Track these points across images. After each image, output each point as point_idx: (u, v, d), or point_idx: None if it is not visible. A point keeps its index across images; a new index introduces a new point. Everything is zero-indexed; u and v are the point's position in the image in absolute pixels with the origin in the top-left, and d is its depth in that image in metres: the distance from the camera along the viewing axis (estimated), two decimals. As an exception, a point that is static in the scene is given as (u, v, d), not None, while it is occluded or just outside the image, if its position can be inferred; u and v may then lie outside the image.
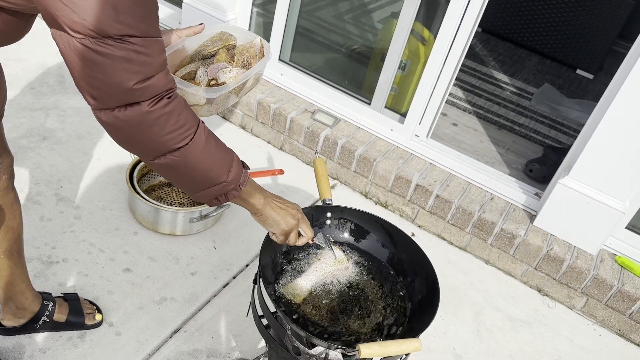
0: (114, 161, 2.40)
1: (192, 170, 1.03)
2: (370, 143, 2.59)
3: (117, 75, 0.88)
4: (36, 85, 2.69)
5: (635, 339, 2.23)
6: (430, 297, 1.29)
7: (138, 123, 0.94)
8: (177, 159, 1.00)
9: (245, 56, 1.30)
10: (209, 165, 1.04)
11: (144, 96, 0.91)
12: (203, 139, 1.01)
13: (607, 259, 2.28)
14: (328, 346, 1.16)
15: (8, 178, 1.41)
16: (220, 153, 1.05)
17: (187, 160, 1.01)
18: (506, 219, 2.34)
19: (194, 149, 1.00)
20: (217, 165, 1.05)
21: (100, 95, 0.91)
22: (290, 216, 1.22)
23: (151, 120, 0.94)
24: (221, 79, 1.25)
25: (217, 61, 1.29)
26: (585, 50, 3.98)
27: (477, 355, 2.02)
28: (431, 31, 2.49)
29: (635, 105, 1.98)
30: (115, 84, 0.89)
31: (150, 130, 0.95)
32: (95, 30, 0.84)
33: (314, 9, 2.78)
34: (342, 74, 2.81)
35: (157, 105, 0.93)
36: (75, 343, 1.71)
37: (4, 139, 1.38)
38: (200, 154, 1.01)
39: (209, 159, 1.03)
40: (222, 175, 1.06)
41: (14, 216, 1.47)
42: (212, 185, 1.07)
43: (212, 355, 1.77)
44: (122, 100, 0.91)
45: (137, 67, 0.88)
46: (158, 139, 0.97)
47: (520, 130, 3.10)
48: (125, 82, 0.88)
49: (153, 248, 2.08)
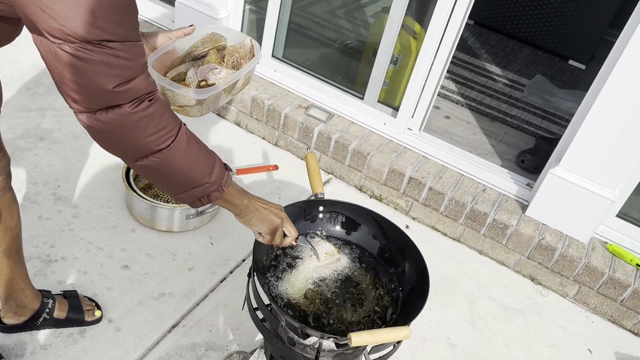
0: (111, 160, 2.42)
1: (174, 172, 1.05)
2: (363, 137, 2.62)
3: (97, 79, 0.89)
4: (32, 86, 2.71)
5: (627, 325, 2.27)
6: (420, 286, 1.33)
7: (120, 125, 0.95)
8: (159, 160, 1.01)
9: (235, 57, 1.32)
10: (191, 166, 1.05)
11: (125, 99, 0.93)
12: (185, 141, 1.02)
13: (598, 247, 2.32)
14: (321, 336, 1.19)
15: (5, 179, 1.43)
16: (202, 155, 1.07)
17: (169, 162, 1.02)
18: (498, 210, 2.38)
19: (176, 150, 1.01)
20: (199, 166, 1.07)
21: (81, 99, 0.92)
22: (273, 215, 1.25)
23: (132, 123, 0.95)
24: (211, 79, 1.27)
25: (207, 62, 1.30)
26: (577, 41, 4.00)
27: (471, 343, 2.05)
28: (422, 25, 2.51)
29: (623, 95, 2.01)
30: (95, 87, 0.90)
31: (132, 132, 0.96)
32: (74, 35, 0.85)
33: (306, 5, 2.80)
34: (335, 70, 2.84)
35: (138, 108, 0.94)
36: (76, 339, 1.74)
37: (1, 139, 1.41)
38: (182, 156, 1.03)
39: (191, 160, 1.05)
40: (205, 176, 1.08)
41: (12, 216, 1.50)
42: (194, 187, 1.08)
43: (211, 349, 1.81)
44: (103, 103, 0.92)
45: (116, 70, 0.90)
46: (140, 141, 0.98)
47: (513, 122, 3.13)
48: (105, 85, 0.90)
49: (150, 245, 2.11)
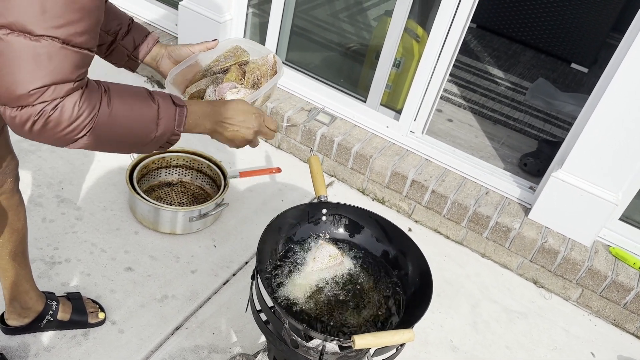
0: (114, 162, 2.43)
1: (114, 143, 0.98)
2: (366, 140, 2.62)
3: (19, 75, 0.84)
4: (35, 89, 2.72)
5: (630, 329, 2.27)
6: (423, 289, 1.33)
7: (32, 125, 0.88)
8: (91, 142, 0.94)
9: (256, 74, 1.29)
10: (127, 133, 0.97)
11: (38, 100, 0.86)
12: (107, 114, 0.93)
13: (601, 250, 2.32)
14: (324, 338, 1.19)
15: (13, 181, 1.44)
16: (137, 115, 0.98)
17: (102, 139, 0.95)
18: (501, 213, 2.38)
19: (101, 127, 0.93)
20: (138, 128, 0.98)
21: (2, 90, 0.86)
22: (244, 130, 1.15)
23: (43, 121, 0.88)
24: (228, 99, 1.24)
25: (228, 79, 1.27)
26: (579, 44, 4.01)
27: (473, 346, 2.05)
28: (424, 28, 2.52)
29: (626, 98, 2.01)
30: (12, 83, 0.84)
31: (45, 130, 0.89)
32: (16, 24, 0.82)
33: (309, 8, 2.81)
34: (337, 73, 2.84)
35: (48, 107, 0.87)
36: (79, 341, 1.75)
37: (10, 142, 1.42)
38: (111, 130, 0.95)
39: (125, 128, 0.97)
40: (150, 132, 1.00)
41: (19, 218, 1.51)
42: (144, 144, 1.02)
43: (214, 351, 1.81)
44: (16, 102, 0.86)
45: (42, 72, 0.84)
46: (57, 136, 0.91)
47: (515, 125, 3.14)
48: (24, 84, 0.84)
49: (154, 247, 2.11)
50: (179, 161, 2.37)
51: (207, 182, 2.39)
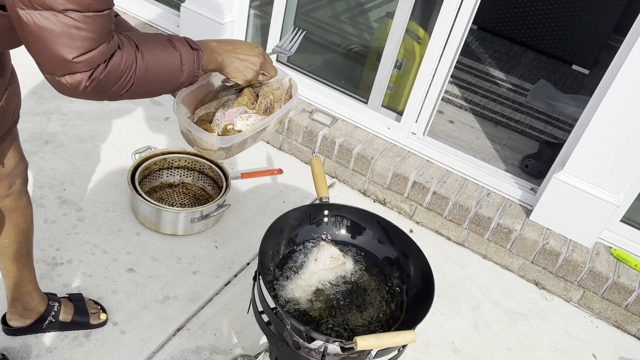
0: (116, 164, 2.44)
1: (150, 91, 1.08)
2: (367, 141, 2.62)
3: (58, 49, 0.90)
4: (38, 90, 2.73)
5: (631, 330, 2.27)
6: (425, 291, 1.33)
7: (84, 88, 0.96)
8: (131, 93, 1.03)
9: (269, 99, 1.27)
10: (161, 81, 1.07)
11: (84, 67, 0.93)
12: (144, 68, 1.02)
13: (602, 252, 2.32)
14: (326, 340, 1.19)
15: (22, 182, 1.45)
16: (166, 64, 1.06)
17: (140, 90, 1.04)
18: (502, 214, 2.38)
19: (140, 81, 1.02)
20: (169, 76, 1.07)
21: (44, 64, 0.94)
22: (251, 64, 1.22)
23: (94, 84, 0.96)
24: (237, 125, 1.23)
25: (239, 103, 1.26)
26: (580, 46, 4.01)
27: (475, 348, 2.05)
28: (426, 30, 2.52)
29: (627, 99, 2.01)
30: (55, 56, 0.91)
31: (94, 91, 0.97)
32: (37, 2, 0.86)
33: (311, 10, 2.81)
34: (339, 74, 2.85)
35: (95, 73, 0.95)
36: (81, 342, 1.75)
37: (19, 144, 1.42)
38: (147, 80, 1.04)
39: (158, 77, 1.05)
40: (178, 78, 1.09)
41: (26, 219, 1.51)
42: (174, 88, 1.11)
43: (215, 352, 1.81)
44: (63, 70, 0.93)
45: (77, 42, 0.90)
46: (107, 93, 1.00)
47: (516, 127, 3.14)
48: (66, 55, 0.91)
49: (155, 248, 2.11)
50: (181, 162, 2.37)
51: (208, 183, 2.39)
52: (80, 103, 2.71)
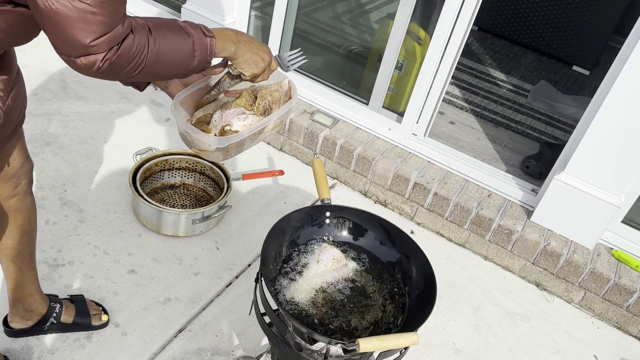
0: (117, 165, 2.44)
1: (161, 74, 1.11)
2: (368, 143, 2.62)
3: (74, 34, 0.93)
4: (39, 91, 2.73)
5: (632, 331, 2.27)
6: (427, 293, 1.33)
7: (97, 69, 0.99)
8: (142, 75, 1.06)
9: (267, 101, 1.28)
10: (171, 66, 1.09)
11: (100, 49, 0.96)
12: (155, 52, 1.04)
13: (603, 253, 2.32)
14: (329, 341, 1.19)
15: (27, 183, 1.45)
16: (178, 49, 1.09)
17: (152, 72, 1.07)
18: (504, 215, 2.38)
19: (151, 63, 1.05)
20: (180, 60, 1.10)
21: (60, 46, 0.97)
22: (261, 60, 1.23)
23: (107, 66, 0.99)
24: (234, 126, 1.24)
25: (237, 105, 1.27)
26: (581, 46, 4.01)
27: (476, 349, 2.05)
28: (427, 31, 2.52)
29: (629, 101, 2.01)
30: (73, 40, 0.94)
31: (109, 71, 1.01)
32: None
33: (311, 11, 2.82)
34: (340, 75, 2.85)
35: (109, 54, 0.98)
36: (83, 344, 1.75)
37: (25, 144, 1.42)
38: (159, 64, 1.06)
39: (170, 61, 1.08)
40: (189, 64, 1.11)
41: (30, 220, 1.51)
42: (186, 73, 1.14)
43: (217, 354, 1.81)
44: (79, 52, 0.96)
45: (93, 27, 0.93)
46: (120, 74, 1.03)
47: (517, 127, 3.14)
48: (82, 39, 0.94)
49: (157, 249, 2.11)
50: (182, 163, 2.37)
51: (209, 185, 2.39)
52: (81, 104, 2.71)
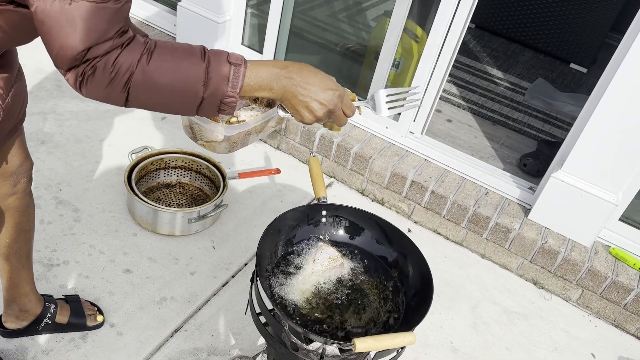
0: (112, 164, 2.42)
1: (159, 101, 0.95)
2: (365, 141, 2.61)
3: (61, 41, 0.87)
4: (34, 90, 2.71)
5: (630, 329, 2.26)
6: (424, 292, 1.32)
7: (79, 83, 0.92)
8: (134, 99, 0.94)
9: None
10: (169, 92, 0.94)
11: (81, 61, 0.89)
12: (143, 71, 0.91)
13: (601, 251, 2.31)
14: (325, 341, 1.18)
15: (27, 182, 1.44)
16: (180, 73, 0.93)
17: (144, 97, 0.94)
18: (501, 213, 2.37)
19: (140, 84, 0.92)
20: (183, 88, 0.94)
21: (52, 57, 0.91)
22: (316, 104, 1.04)
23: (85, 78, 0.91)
24: (241, 116, 1.21)
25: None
26: (578, 44, 4.00)
27: (474, 348, 2.05)
28: (424, 29, 2.51)
29: (626, 98, 2.00)
30: (59, 48, 0.88)
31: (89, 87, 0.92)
32: None
33: (308, 9, 2.80)
34: (336, 73, 2.83)
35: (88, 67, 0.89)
36: (78, 344, 1.74)
37: (25, 143, 1.41)
38: (150, 87, 0.93)
39: (166, 86, 0.93)
40: (197, 92, 0.95)
41: (28, 220, 1.50)
42: (195, 105, 0.97)
43: (213, 353, 1.80)
44: (66, 64, 0.90)
45: (80, 34, 0.86)
46: (102, 92, 0.92)
47: (514, 125, 3.13)
48: (67, 49, 0.87)
49: (152, 249, 2.10)
50: (178, 162, 2.36)
51: (206, 183, 2.38)
52: (76, 103, 2.69)
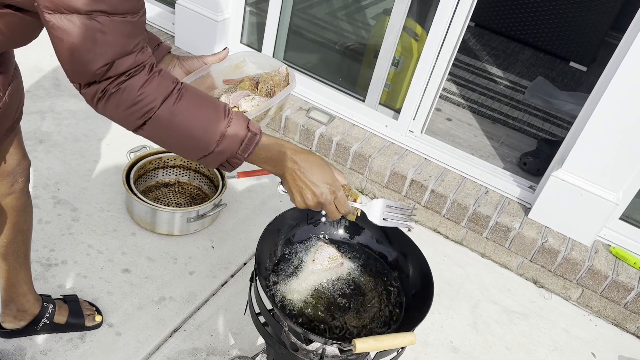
0: (111, 163, 2.41)
1: (171, 142, 0.99)
2: (365, 140, 2.60)
3: (83, 57, 0.87)
4: (32, 89, 2.70)
5: (630, 328, 2.26)
6: (424, 292, 1.31)
7: (97, 100, 0.92)
8: (149, 131, 0.96)
9: (269, 84, 1.30)
10: (185, 136, 0.97)
11: (104, 77, 0.89)
12: (169, 110, 0.94)
13: (601, 250, 2.31)
14: (324, 342, 1.17)
15: (24, 181, 1.43)
16: (201, 122, 0.96)
17: (160, 133, 0.97)
18: (501, 212, 2.36)
19: (160, 121, 0.94)
20: (197, 136, 0.97)
21: (69, 72, 0.91)
22: (308, 193, 1.07)
23: (106, 97, 0.92)
24: (243, 106, 1.24)
25: (241, 89, 1.28)
26: (578, 43, 3.99)
27: (474, 347, 2.04)
28: (423, 27, 2.50)
29: (626, 97, 2.00)
30: (81, 64, 0.88)
31: (107, 106, 0.93)
32: (64, 5, 0.83)
33: (307, 7, 2.79)
34: (336, 72, 2.82)
35: (111, 85, 0.90)
36: (76, 344, 1.73)
37: (22, 142, 1.40)
38: (170, 127, 0.95)
39: (185, 130, 0.96)
40: (209, 144, 0.98)
41: (26, 219, 1.49)
42: (203, 155, 1.00)
43: (212, 353, 1.79)
44: (86, 79, 0.90)
45: (101, 49, 0.86)
46: (119, 115, 0.94)
47: (514, 124, 3.12)
48: (89, 64, 0.87)
49: (151, 248, 2.09)
50: (177, 161, 2.35)
51: (204, 183, 2.37)
52: (74, 102, 2.68)
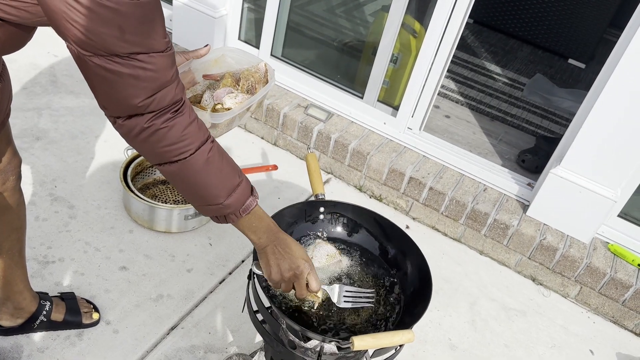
0: (108, 160, 2.40)
1: (189, 185, 1.07)
2: (363, 137, 2.60)
3: (125, 92, 0.92)
4: (28, 86, 2.69)
5: (628, 326, 2.26)
6: (423, 289, 1.31)
7: (138, 133, 0.98)
8: (175, 170, 1.04)
9: (250, 81, 1.33)
10: (206, 184, 1.06)
11: (147, 109, 0.95)
12: (204, 157, 1.03)
13: (599, 247, 2.30)
14: (322, 339, 1.17)
15: (16, 179, 1.42)
16: (222, 175, 1.07)
17: (184, 175, 1.05)
18: (499, 210, 2.36)
19: (192, 164, 1.03)
20: (215, 186, 1.07)
21: (109, 106, 0.97)
22: (285, 266, 1.16)
23: (150, 132, 0.98)
24: (227, 103, 1.28)
25: (224, 85, 1.31)
26: (576, 40, 3.99)
27: (472, 345, 2.04)
28: (422, 24, 2.49)
29: (625, 94, 1.99)
30: (122, 99, 0.93)
31: (148, 140, 0.99)
32: (103, 49, 0.87)
33: (305, 3, 2.78)
34: (334, 69, 2.82)
35: (158, 120, 0.97)
36: (73, 342, 1.72)
37: (12, 139, 1.40)
38: (198, 172, 1.04)
39: (208, 178, 1.06)
40: (220, 197, 1.08)
41: (19, 217, 1.49)
42: (208, 204, 1.09)
43: (210, 351, 1.79)
44: (127, 112, 0.96)
45: (144, 83, 0.92)
46: (155, 150, 1.01)
47: (513, 121, 3.12)
48: (132, 98, 0.93)
49: (149, 246, 2.09)
50: (174, 158, 2.34)
51: (202, 180, 2.36)
52: (71, 99, 2.67)
